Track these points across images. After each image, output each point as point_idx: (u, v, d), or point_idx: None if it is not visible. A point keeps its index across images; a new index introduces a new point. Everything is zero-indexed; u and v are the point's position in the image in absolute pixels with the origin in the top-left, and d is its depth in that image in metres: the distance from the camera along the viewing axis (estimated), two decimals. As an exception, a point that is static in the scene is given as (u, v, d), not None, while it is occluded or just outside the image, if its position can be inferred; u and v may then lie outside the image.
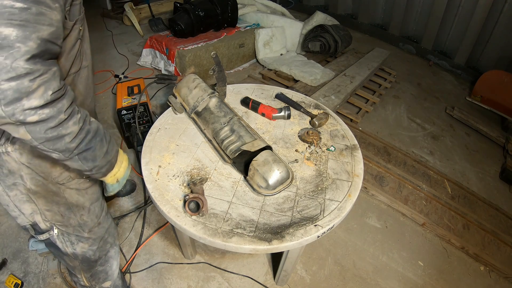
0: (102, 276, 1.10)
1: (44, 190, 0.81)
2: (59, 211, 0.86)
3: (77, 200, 0.89)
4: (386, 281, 1.59)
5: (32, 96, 0.53)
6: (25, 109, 0.53)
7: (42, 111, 0.55)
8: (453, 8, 3.43)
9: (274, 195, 0.99)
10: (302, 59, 3.20)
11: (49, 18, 0.54)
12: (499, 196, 2.23)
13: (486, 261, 1.73)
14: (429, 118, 2.92)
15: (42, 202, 0.83)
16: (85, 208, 0.92)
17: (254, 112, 1.35)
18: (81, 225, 0.93)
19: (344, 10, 4.65)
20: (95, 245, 1.00)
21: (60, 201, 0.85)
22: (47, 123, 0.57)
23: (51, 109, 0.57)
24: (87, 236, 0.96)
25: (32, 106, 0.53)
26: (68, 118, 0.61)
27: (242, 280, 1.50)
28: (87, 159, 0.70)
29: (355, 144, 1.22)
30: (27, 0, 0.50)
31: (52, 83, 0.55)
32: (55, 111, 0.57)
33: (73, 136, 0.63)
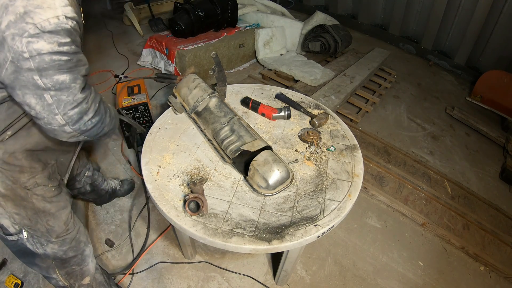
0: (80, 274, 1.11)
1: (13, 194, 0.88)
2: (27, 215, 0.91)
3: (43, 206, 0.94)
4: (386, 281, 1.59)
5: (89, 112, 0.78)
6: (86, 122, 0.78)
7: (95, 119, 0.81)
8: (453, 8, 3.43)
9: (274, 195, 0.99)
10: (302, 59, 3.20)
11: (83, 60, 0.74)
12: (499, 196, 2.22)
13: (486, 261, 1.73)
14: (429, 118, 2.92)
15: (10, 205, 0.88)
16: (51, 214, 0.96)
17: (254, 112, 1.35)
18: (48, 231, 0.96)
19: (344, 10, 4.64)
20: (65, 245, 1.02)
21: (28, 205, 0.91)
22: (97, 126, 0.83)
23: (98, 115, 0.82)
24: (55, 240, 0.99)
25: (89, 118, 0.79)
26: (106, 114, 0.87)
27: (242, 280, 1.50)
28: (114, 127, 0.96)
29: (355, 144, 1.22)
30: (69, 53, 0.69)
31: (97, 97, 0.82)
32: (100, 116, 0.83)
33: (109, 125, 0.90)
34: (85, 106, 0.76)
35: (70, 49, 0.69)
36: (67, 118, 0.73)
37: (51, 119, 0.72)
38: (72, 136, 0.79)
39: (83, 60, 0.74)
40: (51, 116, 0.72)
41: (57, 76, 0.68)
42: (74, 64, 0.71)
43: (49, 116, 0.72)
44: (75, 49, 0.71)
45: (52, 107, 0.71)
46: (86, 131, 0.80)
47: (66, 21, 0.66)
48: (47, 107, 0.70)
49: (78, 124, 0.76)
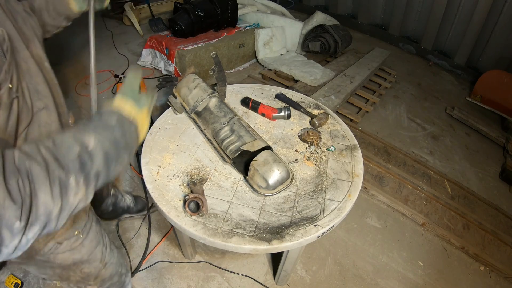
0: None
1: (32, 261, 0.71)
2: (55, 273, 0.78)
3: (73, 259, 0.77)
4: (386, 281, 1.59)
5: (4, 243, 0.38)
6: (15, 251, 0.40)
7: (30, 236, 0.40)
8: (453, 8, 3.43)
9: (274, 195, 0.99)
10: (302, 59, 3.20)
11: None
12: (499, 196, 2.22)
13: (486, 261, 1.73)
14: (429, 118, 2.92)
15: (34, 269, 0.75)
16: (84, 262, 0.81)
17: (254, 112, 1.35)
18: (84, 278, 0.84)
19: (344, 10, 4.64)
20: (106, 284, 0.93)
21: (54, 265, 0.75)
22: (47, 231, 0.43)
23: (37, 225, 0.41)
24: (93, 283, 0.89)
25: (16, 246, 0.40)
26: (62, 200, 0.43)
27: (242, 280, 1.50)
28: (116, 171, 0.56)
29: (355, 144, 1.21)
30: None
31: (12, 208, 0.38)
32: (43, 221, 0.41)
33: (84, 198, 0.48)
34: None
35: None
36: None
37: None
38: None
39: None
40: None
41: None
42: None
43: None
44: None
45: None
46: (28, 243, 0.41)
47: None
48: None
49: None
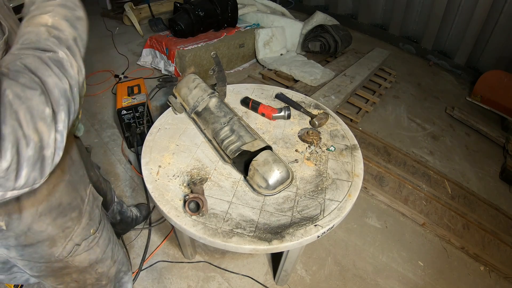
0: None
1: (51, 272, 0.71)
2: (72, 280, 0.77)
3: (89, 260, 0.78)
4: (386, 281, 1.59)
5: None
6: None
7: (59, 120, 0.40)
8: (453, 8, 3.43)
9: (274, 195, 0.99)
10: (302, 59, 3.20)
11: None
12: (499, 196, 2.23)
13: (486, 261, 1.73)
14: (429, 118, 2.92)
15: (51, 281, 0.74)
16: (99, 261, 0.82)
17: (254, 112, 1.35)
18: (98, 279, 0.85)
19: (344, 10, 4.65)
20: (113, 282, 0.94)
21: (71, 270, 0.75)
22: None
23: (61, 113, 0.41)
24: (105, 282, 0.89)
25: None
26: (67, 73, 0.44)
27: (242, 280, 1.50)
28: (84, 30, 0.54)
29: (355, 144, 1.21)
30: None
31: None
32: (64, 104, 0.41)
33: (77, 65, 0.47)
34: None
35: None
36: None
37: None
38: None
39: None
40: None
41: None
42: None
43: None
44: None
45: None
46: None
47: None
48: None
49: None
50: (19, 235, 0.58)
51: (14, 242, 0.59)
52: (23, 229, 0.57)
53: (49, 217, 0.61)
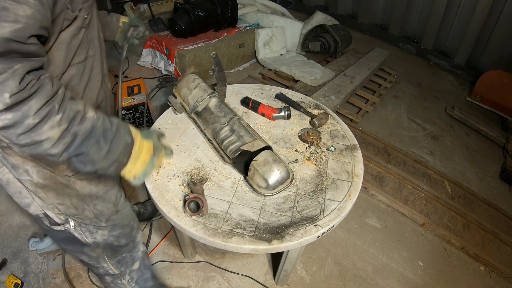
0: (130, 260, 1.07)
1: (54, 183, 0.75)
2: (72, 204, 0.80)
3: (89, 190, 0.82)
4: (386, 281, 1.59)
5: (31, 102, 0.48)
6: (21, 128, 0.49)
7: (5, 116, 0.48)
8: (453, 8, 3.43)
9: (274, 195, 0.99)
10: (302, 59, 3.20)
11: (14, 13, 0.45)
12: (499, 196, 2.23)
13: (486, 261, 1.73)
14: (429, 118, 2.92)
15: (52, 196, 0.77)
16: (99, 198, 0.86)
17: (254, 112, 1.35)
18: (97, 216, 0.87)
19: (344, 10, 4.64)
20: (116, 230, 0.94)
21: (71, 193, 0.79)
22: (14, 129, 0.50)
23: (13, 113, 0.48)
24: (105, 225, 0.91)
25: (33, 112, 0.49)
26: (41, 122, 0.51)
27: (242, 280, 1.50)
28: (83, 162, 0.61)
29: (355, 144, 1.22)
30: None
31: (9, 83, 0.46)
32: (18, 116, 0.49)
33: (52, 142, 0.54)
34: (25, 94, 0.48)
35: None
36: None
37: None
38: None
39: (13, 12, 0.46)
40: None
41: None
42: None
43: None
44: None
45: None
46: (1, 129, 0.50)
47: None
48: None
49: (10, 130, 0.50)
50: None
51: None
52: None
53: None
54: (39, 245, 1.48)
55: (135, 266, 1.10)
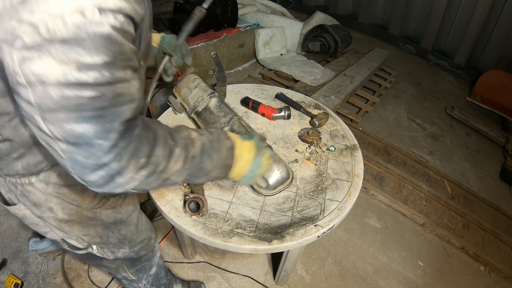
0: (148, 267, 1.08)
1: (79, 217, 0.73)
2: (96, 233, 0.79)
3: (114, 218, 0.82)
4: (386, 281, 1.59)
5: (125, 172, 0.48)
6: (122, 183, 0.49)
7: (140, 175, 0.50)
8: (453, 8, 3.43)
9: (274, 195, 0.99)
10: (302, 59, 3.20)
11: (129, 93, 0.45)
12: (499, 196, 2.23)
13: (486, 261, 1.73)
14: (429, 118, 2.92)
15: (77, 229, 0.75)
16: (123, 223, 0.85)
17: (254, 112, 1.35)
18: (121, 241, 0.87)
19: (344, 10, 4.64)
20: (136, 246, 0.95)
21: (97, 223, 0.78)
22: (148, 180, 0.52)
23: (147, 169, 0.51)
24: (128, 246, 0.91)
25: (127, 179, 0.49)
26: (168, 162, 0.54)
27: (242, 280, 1.50)
28: (199, 176, 0.64)
29: (355, 144, 1.21)
30: (97, 85, 0.39)
31: (141, 148, 0.48)
32: (152, 168, 0.51)
33: (179, 173, 0.58)
34: (116, 167, 0.46)
35: (103, 76, 0.39)
36: (88, 181, 0.48)
37: (69, 172, 0.48)
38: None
39: (128, 92, 0.44)
40: (67, 169, 0.47)
41: (71, 126, 0.40)
42: (107, 104, 0.41)
43: (66, 168, 0.47)
44: (115, 76, 0.41)
45: (64, 162, 0.46)
46: (129, 189, 0.52)
47: (101, 19, 0.37)
48: (60, 159, 0.45)
49: (107, 188, 0.49)
50: (61, 173, 0.65)
51: (55, 180, 0.66)
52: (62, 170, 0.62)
53: None
54: (39, 245, 1.48)
55: (152, 271, 1.10)
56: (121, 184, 0.49)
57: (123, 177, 0.48)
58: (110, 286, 1.42)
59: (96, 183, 0.47)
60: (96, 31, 0.36)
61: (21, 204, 0.69)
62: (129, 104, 0.45)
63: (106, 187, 0.48)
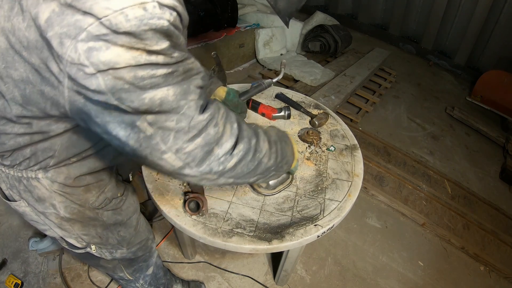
0: (145, 267, 1.08)
1: (81, 217, 0.73)
2: (96, 234, 0.80)
3: (115, 220, 0.82)
4: (386, 281, 1.59)
5: (222, 141, 0.49)
6: (221, 158, 0.49)
7: (238, 149, 0.51)
8: (453, 8, 3.43)
9: (274, 195, 0.99)
10: (302, 59, 3.20)
11: (196, 67, 0.49)
12: (499, 196, 2.22)
13: (486, 261, 1.73)
14: (429, 118, 2.92)
15: (78, 228, 0.75)
16: (122, 224, 0.85)
17: (254, 112, 1.35)
18: (119, 242, 0.87)
19: (344, 10, 4.65)
20: (134, 247, 0.95)
21: (97, 223, 0.78)
22: (246, 158, 0.52)
23: (244, 142, 0.51)
24: (126, 248, 0.92)
25: (227, 150, 0.50)
26: (257, 138, 0.56)
27: (242, 280, 1.50)
28: (281, 167, 0.65)
29: (355, 144, 1.21)
30: (168, 64, 0.42)
31: (230, 114, 0.51)
32: (247, 141, 0.52)
33: (268, 155, 0.59)
34: (212, 131, 0.47)
35: (170, 58, 0.43)
36: (184, 156, 0.46)
37: (157, 160, 0.47)
38: (206, 180, 0.52)
39: (194, 66, 0.48)
40: (157, 155, 0.46)
41: (150, 93, 0.42)
42: (181, 78, 0.45)
43: (154, 156, 0.46)
44: (178, 56, 0.44)
45: (153, 141, 0.45)
46: (227, 172, 0.51)
47: (161, 13, 0.39)
48: (146, 141, 0.45)
49: (206, 163, 0.48)
50: (70, 176, 0.66)
51: (62, 179, 0.66)
52: (75, 174, 0.66)
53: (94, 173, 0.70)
54: (39, 245, 1.48)
55: (149, 271, 1.10)
56: (221, 160, 0.49)
57: (222, 147, 0.49)
58: (110, 286, 1.42)
59: (195, 157, 0.47)
60: (157, 24, 0.39)
61: (23, 201, 0.69)
62: (198, 75, 0.48)
63: (205, 164, 0.48)
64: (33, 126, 0.55)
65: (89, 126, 0.47)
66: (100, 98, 0.41)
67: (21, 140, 0.58)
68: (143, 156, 0.46)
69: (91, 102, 0.43)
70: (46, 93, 0.46)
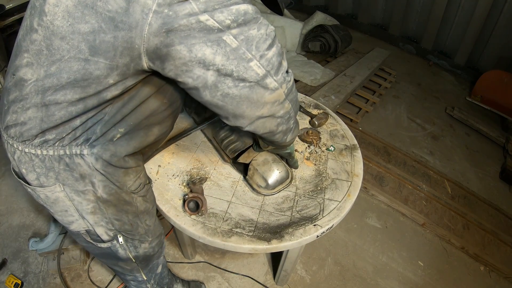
0: (156, 266, 1.07)
1: (116, 199, 0.74)
2: (128, 221, 0.80)
3: (145, 207, 0.83)
4: (386, 281, 1.59)
5: (284, 56, 0.59)
6: (287, 71, 0.61)
7: (290, 70, 0.63)
8: (453, 8, 3.43)
9: (274, 194, 0.99)
10: (302, 59, 3.20)
11: (276, 43, 0.58)
12: (499, 196, 2.22)
13: (486, 261, 1.72)
14: (429, 118, 2.92)
15: (112, 212, 0.75)
16: (149, 213, 0.87)
17: (254, 112, 1.35)
18: (146, 232, 0.87)
19: (344, 10, 4.64)
20: (155, 241, 0.95)
21: (130, 209, 0.79)
22: (293, 84, 0.66)
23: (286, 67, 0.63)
24: (150, 239, 0.92)
25: (287, 67, 0.61)
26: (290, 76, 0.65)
27: (242, 280, 1.50)
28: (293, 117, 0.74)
29: (355, 144, 1.21)
30: None
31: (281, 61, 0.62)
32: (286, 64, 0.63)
33: (295, 95, 0.70)
34: (279, 45, 0.59)
35: None
36: (266, 63, 0.55)
37: (243, 72, 0.54)
38: (277, 100, 0.61)
39: None
40: (243, 65, 0.53)
41: (235, 6, 0.50)
42: None
43: (240, 67, 0.53)
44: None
45: (240, 51, 0.53)
46: (290, 89, 0.63)
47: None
48: (233, 53, 0.52)
49: (280, 72, 0.58)
50: (115, 155, 0.68)
51: (107, 157, 0.67)
52: (121, 153, 0.69)
53: (136, 155, 0.74)
54: (39, 245, 1.48)
55: (159, 270, 1.10)
56: (288, 73, 0.62)
57: (285, 63, 0.60)
58: (110, 286, 1.42)
59: (273, 65, 0.56)
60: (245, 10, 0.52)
61: (58, 185, 0.67)
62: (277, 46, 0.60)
63: (280, 74, 0.58)
64: (90, 88, 0.56)
65: (163, 65, 0.53)
66: (189, 21, 0.48)
67: (74, 109, 0.59)
68: (229, 71, 0.53)
69: (175, 31, 0.49)
70: (120, 38, 0.50)
